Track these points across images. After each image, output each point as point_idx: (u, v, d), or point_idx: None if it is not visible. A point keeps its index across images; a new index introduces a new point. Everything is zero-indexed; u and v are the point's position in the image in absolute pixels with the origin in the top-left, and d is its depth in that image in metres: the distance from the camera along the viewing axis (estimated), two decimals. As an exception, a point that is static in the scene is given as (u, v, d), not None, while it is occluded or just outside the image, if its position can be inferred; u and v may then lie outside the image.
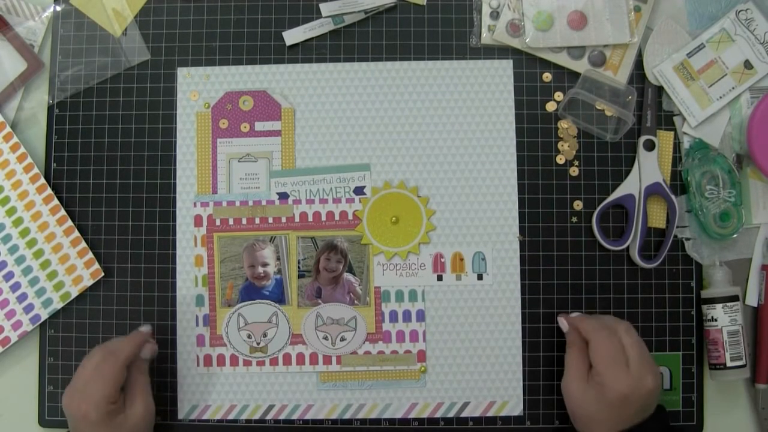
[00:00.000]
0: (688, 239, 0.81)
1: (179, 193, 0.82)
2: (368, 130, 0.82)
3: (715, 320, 0.77)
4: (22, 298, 0.80)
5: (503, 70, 0.82)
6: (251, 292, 0.81)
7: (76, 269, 0.80)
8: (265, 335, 0.80)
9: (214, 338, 0.81)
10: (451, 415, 0.80)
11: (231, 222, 0.81)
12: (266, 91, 0.82)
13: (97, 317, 0.81)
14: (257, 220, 0.81)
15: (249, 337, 0.80)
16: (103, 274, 0.81)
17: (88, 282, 0.80)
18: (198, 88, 0.83)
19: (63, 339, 0.81)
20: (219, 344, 0.80)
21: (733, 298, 0.77)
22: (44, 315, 0.80)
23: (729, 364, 0.76)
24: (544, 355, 0.80)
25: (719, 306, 0.77)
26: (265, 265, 0.81)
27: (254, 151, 0.82)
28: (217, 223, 0.81)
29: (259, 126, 0.82)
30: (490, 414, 0.80)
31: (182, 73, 0.83)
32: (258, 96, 0.82)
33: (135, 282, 0.81)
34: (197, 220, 0.81)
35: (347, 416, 0.80)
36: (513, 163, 0.81)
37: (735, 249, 0.80)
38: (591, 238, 0.81)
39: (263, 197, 0.81)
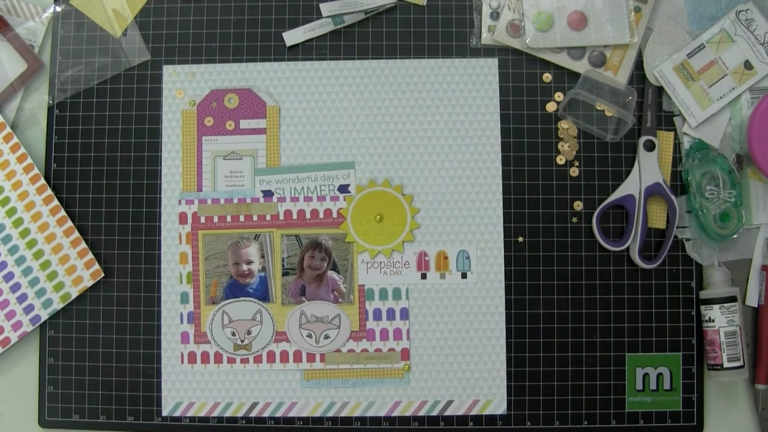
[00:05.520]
0: (688, 240, 0.81)
1: (164, 191, 0.82)
2: (353, 128, 0.82)
3: (713, 321, 0.77)
4: (23, 298, 0.80)
5: (488, 68, 0.82)
6: (235, 289, 0.81)
7: (76, 270, 0.80)
8: (249, 333, 0.80)
9: (198, 335, 0.81)
10: (434, 413, 0.80)
11: (216, 219, 0.81)
12: (251, 89, 0.82)
13: (97, 318, 0.81)
14: (242, 218, 0.81)
15: (233, 334, 0.81)
16: (103, 274, 0.81)
17: (88, 282, 0.80)
18: (183, 86, 0.83)
19: (63, 339, 0.81)
20: (203, 341, 0.81)
21: (731, 299, 0.77)
22: (44, 315, 0.80)
23: (726, 364, 0.76)
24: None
25: (716, 307, 0.77)
26: (249, 262, 0.81)
27: (239, 148, 0.82)
28: (202, 220, 0.81)
29: (244, 124, 0.82)
30: (473, 412, 0.80)
31: (168, 71, 0.83)
32: (243, 94, 0.82)
33: (135, 282, 0.81)
34: (182, 218, 0.81)
35: (331, 414, 0.80)
36: (498, 162, 0.81)
37: (735, 249, 0.80)
38: (591, 239, 0.81)
39: (248, 195, 0.81)
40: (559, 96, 0.82)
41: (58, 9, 0.84)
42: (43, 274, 0.80)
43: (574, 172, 0.82)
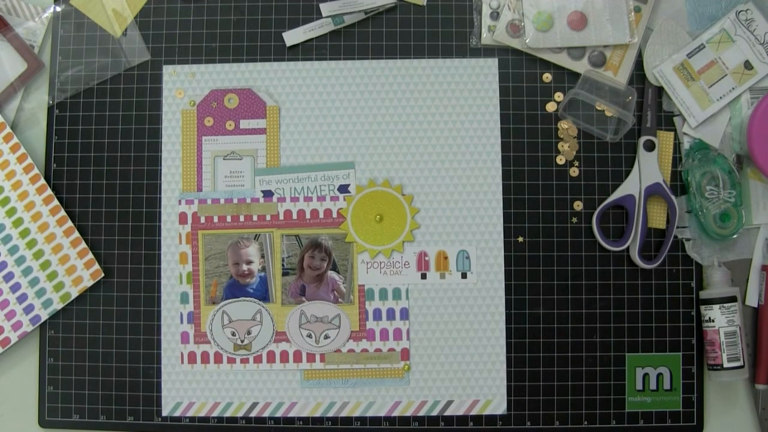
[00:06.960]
0: (688, 240, 0.81)
1: (164, 191, 0.82)
2: (353, 128, 0.82)
3: (713, 321, 0.77)
4: (23, 298, 0.80)
5: (488, 68, 0.82)
6: (235, 289, 0.81)
7: (76, 270, 0.80)
8: (249, 333, 0.80)
9: (198, 335, 0.81)
10: (434, 413, 0.80)
11: (216, 219, 0.81)
12: (251, 89, 0.82)
13: (97, 318, 0.81)
14: (242, 218, 0.81)
15: (233, 334, 0.81)
16: (103, 274, 0.81)
17: (88, 282, 0.80)
18: (183, 86, 0.83)
19: (63, 339, 0.81)
20: (203, 341, 0.81)
21: (731, 299, 0.77)
22: (44, 315, 0.80)
23: (726, 365, 0.76)
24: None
25: (716, 307, 0.77)
26: (249, 262, 0.81)
27: (239, 148, 0.82)
28: (202, 220, 0.81)
29: (244, 124, 0.82)
30: (473, 412, 0.80)
31: (168, 71, 0.83)
32: (243, 94, 0.82)
33: (135, 282, 0.81)
34: (182, 218, 0.81)
35: (331, 414, 0.80)
36: (498, 162, 0.81)
37: (735, 249, 0.80)
38: (591, 239, 0.81)
39: (248, 195, 0.81)
40: (559, 96, 0.82)
41: (58, 9, 0.84)
42: (43, 274, 0.80)
43: (574, 172, 0.82)
